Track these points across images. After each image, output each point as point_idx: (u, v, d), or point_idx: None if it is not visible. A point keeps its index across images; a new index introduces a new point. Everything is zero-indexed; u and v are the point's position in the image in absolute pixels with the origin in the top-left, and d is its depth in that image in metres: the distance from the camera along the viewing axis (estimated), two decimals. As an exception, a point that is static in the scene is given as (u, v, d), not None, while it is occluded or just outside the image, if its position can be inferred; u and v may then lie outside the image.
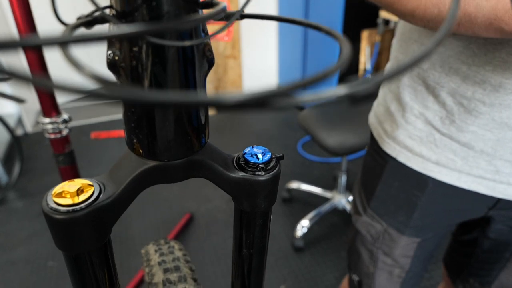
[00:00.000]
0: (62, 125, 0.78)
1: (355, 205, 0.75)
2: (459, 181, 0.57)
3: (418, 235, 0.65)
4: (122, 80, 0.23)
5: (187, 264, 0.46)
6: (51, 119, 0.76)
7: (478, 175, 0.55)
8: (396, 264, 0.69)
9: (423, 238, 0.66)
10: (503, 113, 0.49)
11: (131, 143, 0.25)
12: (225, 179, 0.28)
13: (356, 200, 0.75)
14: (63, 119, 0.78)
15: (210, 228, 1.73)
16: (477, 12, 0.38)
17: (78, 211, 0.24)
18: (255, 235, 0.32)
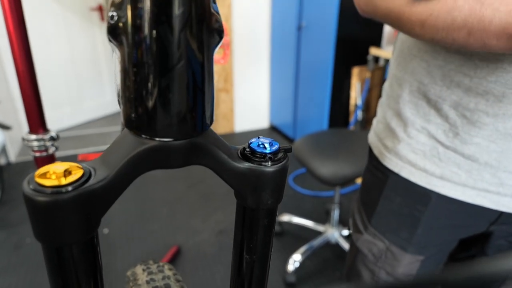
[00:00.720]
0: (48, 143, 0.75)
1: (355, 224, 0.73)
2: (464, 195, 0.56)
3: (421, 252, 0.63)
4: (123, 49, 0.21)
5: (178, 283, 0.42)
6: (37, 135, 0.73)
7: (483, 188, 0.54)
8: None
9: (426, 256, 0.64)
10: (507, 123, 0.49)
11: (128, 118, 0.22)
12: (229, 169, 0.26)
13: (356, 218, 0.72)
14: (51, 136, 0.75)
15: (198, 262, 1.65)
16: (493, 16, 0.38)
17: (64, 193, 0.21)
18: (259, 238, 0.29)
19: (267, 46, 3.07)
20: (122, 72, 0.22)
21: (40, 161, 0.76)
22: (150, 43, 0.20)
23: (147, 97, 0.21)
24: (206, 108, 0.23)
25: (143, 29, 0.20)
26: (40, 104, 0.72)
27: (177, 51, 0.20)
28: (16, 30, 0.65)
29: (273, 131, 3.28)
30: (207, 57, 0.22)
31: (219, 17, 0.22)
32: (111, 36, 0.21)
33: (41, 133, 0.74)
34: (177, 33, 0.20)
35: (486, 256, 0.65)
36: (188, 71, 0.21)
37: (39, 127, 0.74)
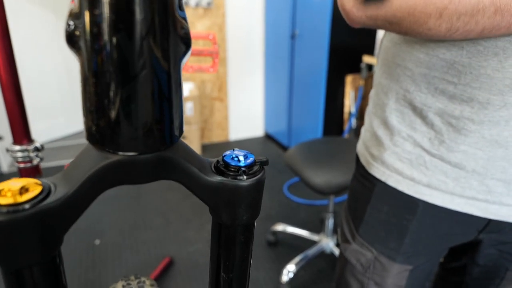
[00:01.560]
0: (33, 154, 0.73)
1: (343, 233, 0.72)
2: (452, 203, 0.55)
3: (410, 262, 0.62)
4: (82, 57, 0.20)
5: (158, 300, 0.41)
6: (21, 146, 0.72)
7: (471, 196, 0.54)
8: None
9: (415, 265, 0.63)
10: (493, 130, 0.48)
11: (90, 131, 0.21)
12: (201, 184, 0.24)
13: (344, 228, 0.71)
14: (35, 146, 0.73)
15: (191, 273, 1.62)
16: None
17: (20, 212, 0.20)
18: (236, 255, 0.28)
19: (261, 54, 3.08)
20: (82, 82, 0.20)
21: (25, 172, 0.75)
22: (109, 51, 0.19)
23: (109, 108, 0.20)
24: (174, 119, 0.22)
25: (100, 37, 0.19)
26: (25, 114, 0.71)
27: (138, 60, 0.19)
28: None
29: (268, 139, 3.27)
30: (173, 66, 0.21)
31: (186, 24, 0.21)
32: (69, 43, 0.20)
33: (25, 143, 0.72)
34: (138, 41, 0.19)
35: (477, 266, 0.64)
36: (152, 81, 0.20)
37: (23, 138, 0.72)
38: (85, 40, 0.19)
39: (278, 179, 2.47)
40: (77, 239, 1.80)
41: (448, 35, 0.45)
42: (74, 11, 0.19)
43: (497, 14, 0.40)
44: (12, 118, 0.69)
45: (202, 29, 2.79)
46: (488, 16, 0.41)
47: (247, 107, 3.22)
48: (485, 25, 0.42)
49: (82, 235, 1.82)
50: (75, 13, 0.19)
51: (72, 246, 1.75)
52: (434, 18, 0.44)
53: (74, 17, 0.19)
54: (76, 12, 0.19)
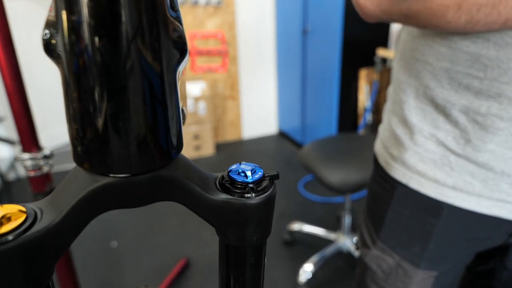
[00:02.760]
0: (42, 161, 0.72)
1: (362, 238, 0.68)
2: (479, 206, 0.51)
3: (434, 267, 0.58)
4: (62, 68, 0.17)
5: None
6: (30, 154, 0.71)
7: (500, 198, 0.50)
8: None
9: (440, 271, 0.59)
10: None
11: (76, 152, 0.19)
12: (204, 204, 0.22)
13: (364, 232, 0.68)
14: (44, 155, 0.72)
15: (207, 274, 1.61)
16: None
17: (2, 244, 0.18)
18: (246, 278, 0.25)
19: (272, 51, 3.04)
20: (64, 96, 0.18)
21: (35, 181, 0.74)
22: (90, 63, 0.16)
23: (94, 125, 0.18)
24: (171, 134, 0.20)
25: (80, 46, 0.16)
26: (32, 122, 0.70)
27: (124, 69, 0.17)
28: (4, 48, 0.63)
29: (282, 136, 3.24)
30: (167, 75, 0.18)
31: (179, 26, 0.18)
32: (47, 53, 0.18)
33: (34, 151, 0.72)
34: (123, 47, 0.16)
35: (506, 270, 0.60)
36: (144, 93, 0.18)
37: (32, 146, 0.71)
38: (64, 50, 0.17)
39: (293, 177, 2.44)
40: (94, 242, 1.81)
41: (469, 27, 0.42)
42: (50, 19, 0.17)
43: None
44: (20, 126, 0.69)
45: (212, 28, 2.77)
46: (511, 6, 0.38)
47: (260, 105, 3.19)
48: (508, 16, 0.39)
49: (98, 238, 1.83)
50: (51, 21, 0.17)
51: (89, 248, 1.76)
52: (452, 10, 0.41)
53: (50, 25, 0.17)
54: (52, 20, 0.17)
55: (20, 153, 0.71)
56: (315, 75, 2.56)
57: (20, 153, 0.71)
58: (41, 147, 0.72)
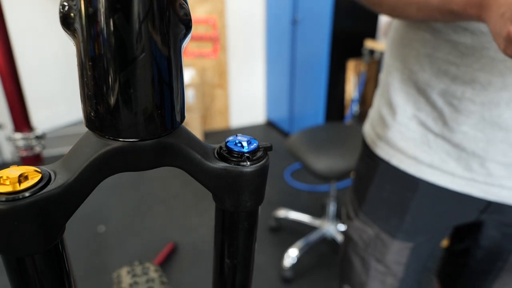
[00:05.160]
0: (34, 142, 0.73)
1: (347, 212, 0.73)
2: (452, 183, 0.56)
3: (410, 239, 0.63)
4: (78, 40, 0.19)
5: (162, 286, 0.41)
6: (23, 134, 0.71)
7: (471, 177, 0.54)
8: (388, 272, 0.65)
9: (416, 243, 0.63)
10: (493, 111, 0.49)
11: (89, 117, 0.21)
12: (204, 170, 0.24)
13: (348, 207, 0.73)
14: (36, 135, 0.73)
15: (194, 258, 1.64)
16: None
17: (20, 200, 0.19)
18: (240, 242, 0.27)
19: (262, 40, 3.04)
20: (79, 67, 0.20)
21: (27, 160, 0.74)
22: (105, 34, 0.18)
23: (107, 93, 0.19)
24: (176, 104, 0.22)
25: (96, 19, 0.18)
26: (24, 102, 0.70)
27: (136, 42, 0.18)
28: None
29: (269, 126, 3.26)
30: (173, 49, 0.20)
31: (186, 4, 0.20)
32: (64, 26, 0.19)
33: (26, 131, 0.72)
34: (136, 21, 0.18)
35: (480, 248, 0.64)
36: (152, 64, 0.19)
37: (24, 126, 0.72)
38: (80, 22, 0.18)
39: (280, 166, 2.47)
40: (81, 226, 1.81)
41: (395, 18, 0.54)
42: None
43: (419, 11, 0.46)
44: (12, 106, 0.69)
45: (203, 14, 2.76)
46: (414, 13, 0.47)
47: (248, 94, 3.20)
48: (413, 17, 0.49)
49: (85, 222, 1.84)
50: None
51: (76, 233, 1.77)
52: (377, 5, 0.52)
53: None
54: None
55: (13, 133, 0.71)
56: (303, 65, 2.58)
57: (13, 133, 0.71)
58: (32, 128, 0.73)
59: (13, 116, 0.70)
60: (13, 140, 0.72)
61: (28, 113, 0.71)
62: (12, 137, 0.72)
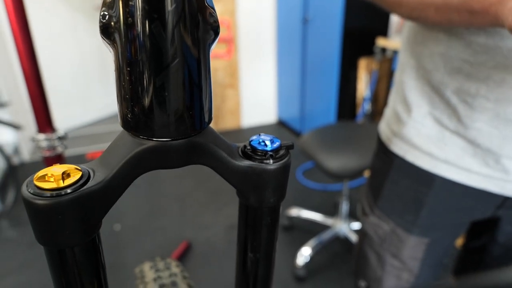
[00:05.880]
0: (57, 142, 0.75)
1: (362, 208, 0.74)
2: (469, 179, 0.56)
3: (426, 234, 0.64)
4: (116, 48, 0.21)
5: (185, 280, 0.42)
6: (46, 135, 0.74)
7: (487, 173, 0.55)
8: (404, 267, 0.66)
9: (432, 239, 0.64)
10: (508, 108, 0.49)
11: (125, 119, 0.22)
12: (230, 168, 0.25)
13: (364, 202, 0.74)
14: (58, 136, 0.75)
15: (208, 257, 1.66)
16: None
17: (63, 196, 0.21)
18: (262, 236, 0.29)
19: (272, 40, 3.05)
20: (117, 72, 0.21)
21: (49, 160, 0.77)
22: (142, 41, 0.20)
23: (143, 96, 0.21)
24: (204, 105, 0.23)
25: (135, 27, 0.19)
26: (47, 104, 0.73)
27: (170, 49, 0.20)
28: (20, 31, 0.66)
29: (281, 125, 3.27)
30: (203, 53, 0.22)
31: (214, 12, 0.22)
32: (103, 35, 0.21)
33: (49, 132, 0.75)
34: (170, 30, 0.19)
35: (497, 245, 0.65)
36: (184, 69, 0.21)
37: (47, 127, 0.74)
38: (120, 31, 0.20)
39: (291, 165, 2.45)
40: (97, 225, 1.85)
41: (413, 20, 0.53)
42: (107, 1, 0.20)
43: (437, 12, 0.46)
44: (36, 108, 0.72)
45: (213, 15, 2.77)
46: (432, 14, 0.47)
47: (259, 94, 3.21)
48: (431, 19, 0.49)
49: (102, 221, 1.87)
50: (109, 2, 0.20)
51: (93, 231, 1.80)
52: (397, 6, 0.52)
53: (108, 7, 0.20)
54: (109, 1, 0.20)
55: (36, 134, 0.74)
56: (314, 64, 2.58)
57: (36, 134, 0.74)
58: (55, 129, 0.75)
59: (36, 118, 0.73)
60: (37, 141, 0.75)
61: (51, 114, 0.74)
62: (35, 138, 0.75)
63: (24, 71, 0.68)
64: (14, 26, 0.65)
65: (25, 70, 0.68)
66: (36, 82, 0.70)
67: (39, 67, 0.70)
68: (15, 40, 0.66)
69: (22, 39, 0.66)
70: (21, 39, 0.66)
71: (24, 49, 0.67)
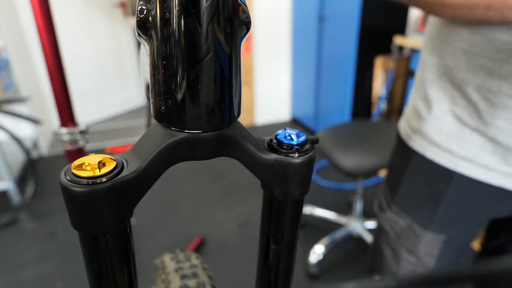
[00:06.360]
0: (79, 136, 0.77)
1: (379, 203, 0.74)
2: (487, 177, 0.56)
3: (443, 231, 0.63)
4: (152, 43, 0.21)
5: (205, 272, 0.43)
6: (68, 129, 0.76)
7: (505, 171, 0.55)
8: (419, 263, 0.66)
9: (449, 236, 0.64)
10: None
11: (158, 111, 0.23)
12: (257, 161, 0.26)
13: (381, 198, 0.74)
14: (80, 130, 0.77)
15: (220, 253, 1.67)
16: None
17: (99, 184, 0.22)
18: (285, 229, 0.29)
19: (288, 37, 3.05)
20: (152, 66, 0.22)
21: (71, 154, 0.79)
22: (178, 36, 0.20)
23: (176, 90, 0.22)
24: (234, 99, 0.24)
25: (172, 22, 0.20)
26: (69, 98, 0.75)
27: (205, 43, 0.21)
28: (45, 27, 0.68)
29: (294, 123, 3.27)
30: (234, 48, 0.22)
31: (246, 8, 0.22)
32: (140, 30, 0.21)
33: (71, 126, 0.77)
34: (205, 25, 0.20)
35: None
36: (216, 63, 0.22)
37: (69, 121, 0.76)
38: (156, 25, 0.21)
39: (305, 163, 2.48)
40: (113, 218, 1.88)
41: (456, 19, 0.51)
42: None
43: (489, 10, 0.45)
44: (59, 102, 0.73)
45: (229, 13, 2.78)
46: (482, 12, 0.46)
47: (274, 91, 3.21)
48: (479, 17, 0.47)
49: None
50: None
51: (109, 225, 1.84)
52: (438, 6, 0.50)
53: (145, 1, 0.21)
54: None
55: (59, 128, 0.76)
56: (330, 62, 2.57)
57: (59, 128, 0.76)
58: (77, 123, 0.77)
59: (59, 112, 0.75)
60: (59, 135, 0.77)
61: (73, 109, 0.76)
62: (58, 132, 0.77)
63: (48, 65, 0.70)
64: (39, 21, 0.67)
65: (49, 64, 0.70)
66: (59, 76, 0.71)
67: (62, 62, 0.71)
68: (39, 34, 0.68)
69: (46, 34, 0.68)
70: (46, 33, 0.68)
71: (48, 43, 0.68)
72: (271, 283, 0.32)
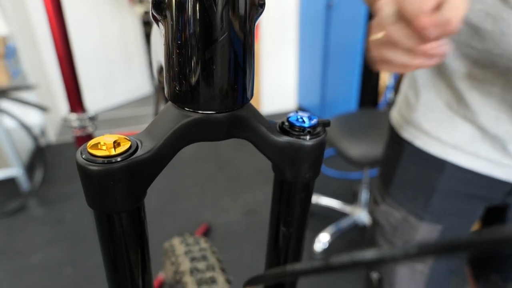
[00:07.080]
0: (88, 122, 0.78)
1: (374, 198, 0.74)
2: (477, 164, 0.56)
3: (438, 221, 0.63)
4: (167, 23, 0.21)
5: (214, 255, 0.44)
6: (77, 115, 0.76)
7: (494, 159, 0.55)
8: None
9: (445, 226, 0.64)
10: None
11: (172, 91, 0.23)
12: (269, 143, 0.26)
13: (376, 193, 0.74)
14: (89, 116, 0.78)
15: (226, 240, 1.69)
16: None
17: (114, 163, 0.22)
18: (296, 211, 0.30)
19: (295, 25, 3.02)
20: (166, 47, 0.22)
21: (80, 140, 0.80)
22: (194, 16, 0.20)
23: (191, 70, 0.22)
24: (247, 81, 0.24)
25: (187, 2, 0.20)
26: (78, 85, 0.75)
27: (220, 23, 0.21)
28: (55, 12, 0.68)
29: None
30: (249, 29, 0.22)
31: None
32: (155, 11, 0.21)
33: (80, 112, 0.77)
34: (221, 4, 0.20)
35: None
36: (231, 44, 0.22)
37: (78, 107, 0.77)
38: (171, 6, 0.21)
39: (311, 152, 2.47)
40: (120, 205, 1.91)
41: None
42: None
43: None
44: (68, 88, 0.74)
45: (236, 0, 2.76)
46: None
47: (280, 80, 3.19)
48: None
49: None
50: None
51: (116, 212, 1.86)
52: None
53: None
54: None
55: (68, 114, 0.76)
56: (337, 51, 2.54)
57: (68, 114, 0.76)
58: (85, 109, 0.78)
59: (68, 98, 0.75)
60: (68, 121, 0.77)
61: (82, 95, 0.76)
62: (67, 118, 0.77)
63: (57, 52, 0.70)
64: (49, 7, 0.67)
65: (59, 50, 0.70)
66: (68, 62, 0.72)
67: (71, 48, 0.72)
68: (49, 20, 0.68)
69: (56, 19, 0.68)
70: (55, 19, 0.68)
71: (57, 28, 0.69)
72: (280, 265, 0.32)
